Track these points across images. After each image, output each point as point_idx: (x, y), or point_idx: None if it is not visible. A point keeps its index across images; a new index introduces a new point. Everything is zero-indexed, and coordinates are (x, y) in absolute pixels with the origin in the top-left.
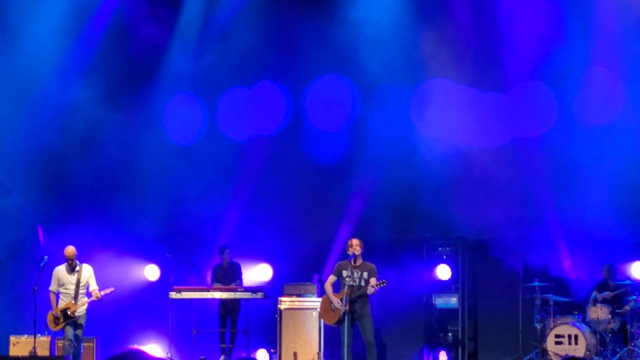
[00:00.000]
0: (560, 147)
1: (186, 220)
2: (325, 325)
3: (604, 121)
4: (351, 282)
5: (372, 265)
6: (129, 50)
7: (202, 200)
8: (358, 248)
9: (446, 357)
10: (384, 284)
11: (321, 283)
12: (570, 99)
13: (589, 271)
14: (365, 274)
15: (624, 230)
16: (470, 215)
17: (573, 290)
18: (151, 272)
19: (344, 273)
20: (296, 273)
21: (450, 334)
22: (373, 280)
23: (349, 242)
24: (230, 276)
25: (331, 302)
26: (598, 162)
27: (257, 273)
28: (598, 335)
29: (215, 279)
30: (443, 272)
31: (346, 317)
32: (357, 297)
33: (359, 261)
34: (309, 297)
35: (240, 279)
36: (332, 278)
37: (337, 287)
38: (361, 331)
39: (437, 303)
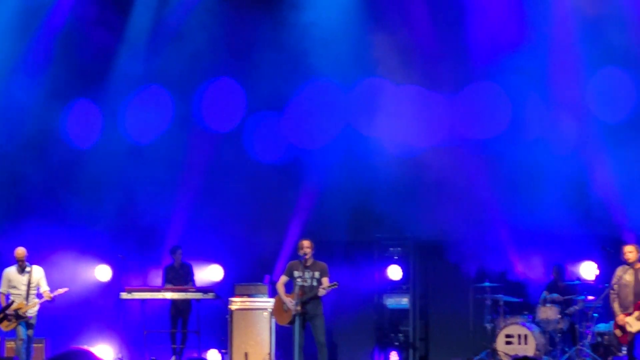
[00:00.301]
0: (512, 148)
1: (139, 221)
2: (276, 325)
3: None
4: (302, 283)
5: (323, 265)
6: (80, 52)
7: (155, 200)
8: (309, 250)
9: (397, 358)
10: (335, 286)
11: (272, 283)
12: (521, 100)
13: (539, 272)
14: (316, 274)
15: (573, 231)
16: (422, 216)
17: (523, 290)
18: (102, 273)
19: (296, 273)
20: (247, 273)
21: (401, 335)
22: (325, 280)
23: (300, 244)
24: (181, 277)
25: (283, 303)
26: (549, 164)
27: (208, 273)
28: (547, 335)
29: (167, 280)
30: (394, 272)
31: (298, 317)
32: (308, 298)
33: (310, 261)
34: (260, 297)
35: (193, 280)
36: (283, 278)
37: (289, 287)
38: (313, 331)
39: (388, 303)
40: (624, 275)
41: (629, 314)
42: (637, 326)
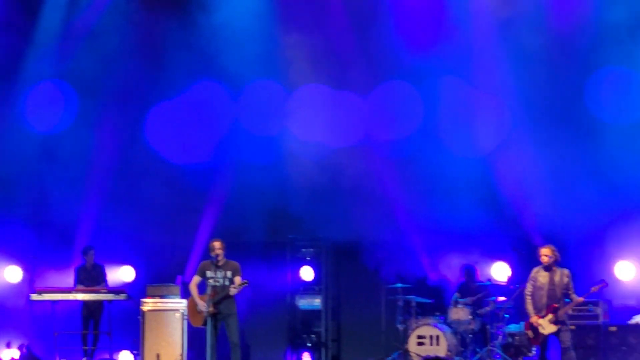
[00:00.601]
0: (425, 150)
1: (50, 220)
2: (189, 326)
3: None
4: (215, 283)
5: (235, 264)
6: None
7: (67, 201)
8: (220, 251)
9: (309, 358)
10: (246, 284)
11: (184, 284)
12: (434, 101)
13: (450, 273)
14: (229, 273)
15: (485, 233)
16: (336, 218)
17: (435, 292)
18: (12, 274)
19: (208, 273)
20: (159, 274)
21: (313, 335)
22: (237, 279)
23: (211, 245)
24: (93, 277)
25: (196, 304)
26: (461, 165)
27: (120, 274)
28: (459, 336)
29: (79, 281)
30: (306, 273)
31: (210, 318)
32: (221, 298)
33: (223, 261)
34: (172, 298)
35: (105, 281)
36: (196, 279)
37: (202, 287)
38: (227, 331)
39: (300, 304)
40: (539, 277)
41: (542, 316)
42: (550, 328)
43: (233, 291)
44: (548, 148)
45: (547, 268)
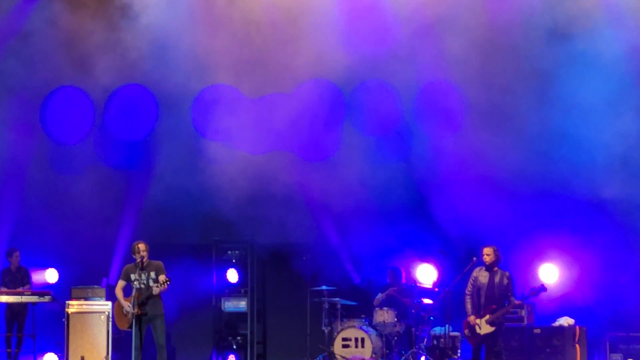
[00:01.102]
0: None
1: None
2: (114, 328)
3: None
4: (139, 285)
5: (159, 263)
6: None
7: None
8: (145, 253)
9: None
10: (168, 282)
11: (109, 286)
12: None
13: (376, 275)
14: (152, 274)
15: (411, 235)
16: (260, 220)
17: (360, 294)
18: None
19: (132, 276)
20: (84, 276)
21: (239, 337)
22: (161, 277)
23: (135, 247)
24: (18, 280)
25: (122, 307)
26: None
27: (44, 276)
28: (384, 338)
29: (3, 283)
30: (232, 275)
31: (136, 320)
32: (146, 299)
33: (146, 262)
34: (97, 300)
35: (31, 283)
36: (121, 283)
37: (127, 291)
38: (153, 333)
39: (225, 307)
40: (479, 277)
41: (480, 316)
42: (486, 329)
43: (156, 290)
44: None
45: (489, 268)
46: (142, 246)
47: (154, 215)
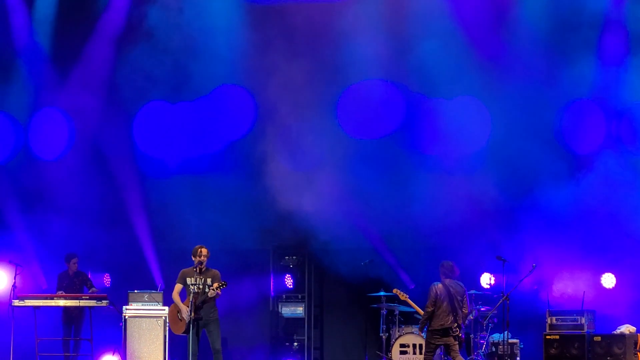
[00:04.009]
0: None
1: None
2: (170, 332)
3: None
4: (195, 289)
5: (216, 272)
6: None
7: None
8: (205, 258)
9: None
10: (224, 286)
11: (165, 291)
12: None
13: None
14: (209, 280)
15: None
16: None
17: (418, 300)
18: None
19: (189, 280)
20: (141, 281)
21: (296, 343)
22: (216, 284)
23: (198, 251)
24: (77, 284)
25: (178, 312)
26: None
27: (102, 281)
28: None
29: (60, 287)
30: (289, 281)
31: (192, 324)
32: (201, 303)
33: (204, 267)
34: (154, 305)
35: (93, 286)
36: (178, 286)
37: (183, 295)
38: (208, 337)
39: (283, 312)
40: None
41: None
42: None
43: (212, 293)
44: None
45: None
46: (204, 250)
47: (211, 220)
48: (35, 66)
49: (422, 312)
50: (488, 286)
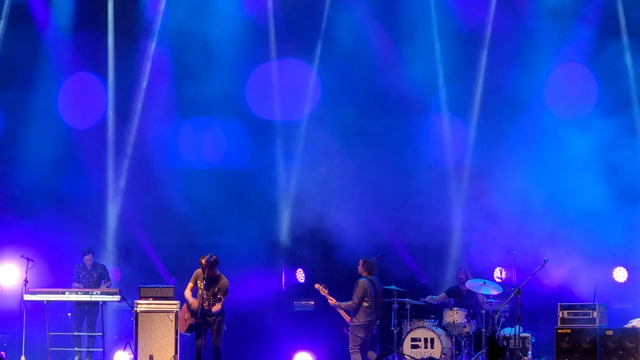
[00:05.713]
0: None
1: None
2: None
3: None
4: (204, 296)
5: (224, 282)
6: None
7: None
8: (203, 266)
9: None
10: (218, 302)
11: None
12: None
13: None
14: (215, 290)
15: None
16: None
17: (430, 294)
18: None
19: (199, 283)
20: (153, 276)
21: (307, 337)
22: (222, 291)
23: (199, 261)
24: (94, 277)
25: (190, 305)
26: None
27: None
28: (454, 339)
29: (77, 279)
30: (300, 275)
31: (200, 322)
32: (206, 312)
33: (211, 272)
34: (166, 300)
35: (109, 280)
36: (190, 285)
37: (194, 294)
38: (210, 335)
39: (294, 306)
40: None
41: None
42: None
43: (217, 307)
44: None
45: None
46: (202, 260)
47: (224, 216)
48: None
49: (343, 312)
50: (499, 280)
